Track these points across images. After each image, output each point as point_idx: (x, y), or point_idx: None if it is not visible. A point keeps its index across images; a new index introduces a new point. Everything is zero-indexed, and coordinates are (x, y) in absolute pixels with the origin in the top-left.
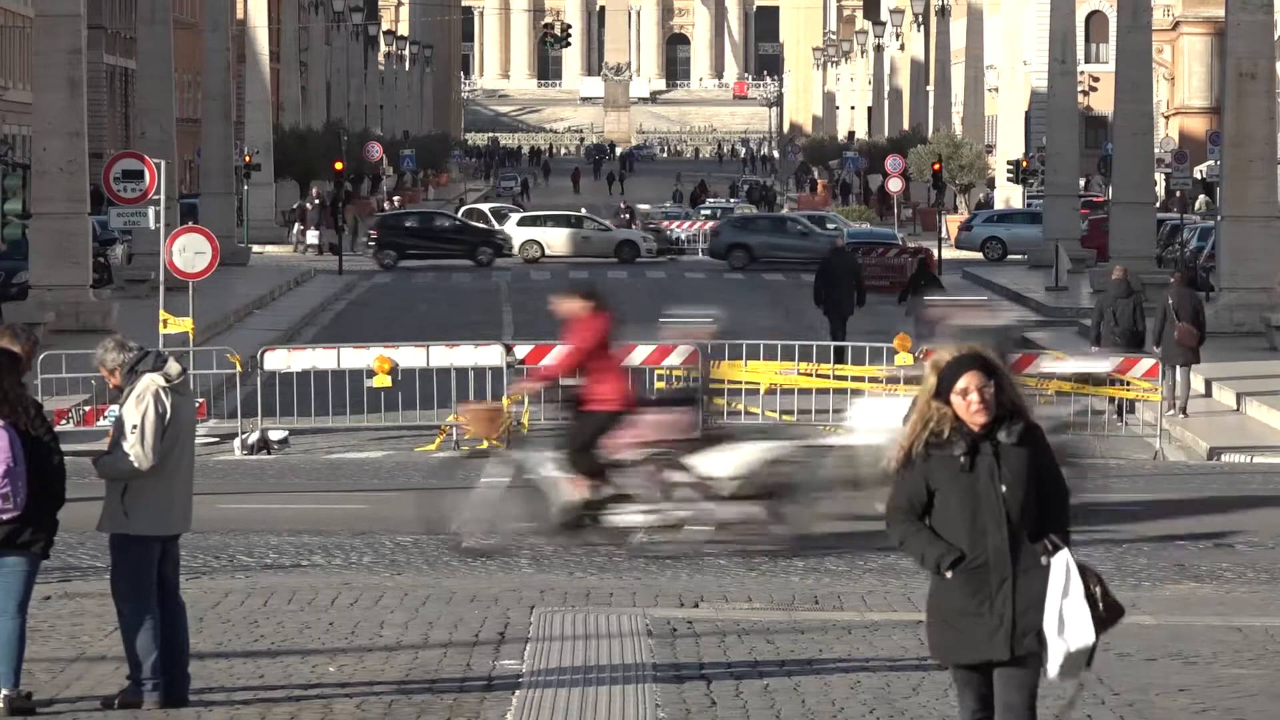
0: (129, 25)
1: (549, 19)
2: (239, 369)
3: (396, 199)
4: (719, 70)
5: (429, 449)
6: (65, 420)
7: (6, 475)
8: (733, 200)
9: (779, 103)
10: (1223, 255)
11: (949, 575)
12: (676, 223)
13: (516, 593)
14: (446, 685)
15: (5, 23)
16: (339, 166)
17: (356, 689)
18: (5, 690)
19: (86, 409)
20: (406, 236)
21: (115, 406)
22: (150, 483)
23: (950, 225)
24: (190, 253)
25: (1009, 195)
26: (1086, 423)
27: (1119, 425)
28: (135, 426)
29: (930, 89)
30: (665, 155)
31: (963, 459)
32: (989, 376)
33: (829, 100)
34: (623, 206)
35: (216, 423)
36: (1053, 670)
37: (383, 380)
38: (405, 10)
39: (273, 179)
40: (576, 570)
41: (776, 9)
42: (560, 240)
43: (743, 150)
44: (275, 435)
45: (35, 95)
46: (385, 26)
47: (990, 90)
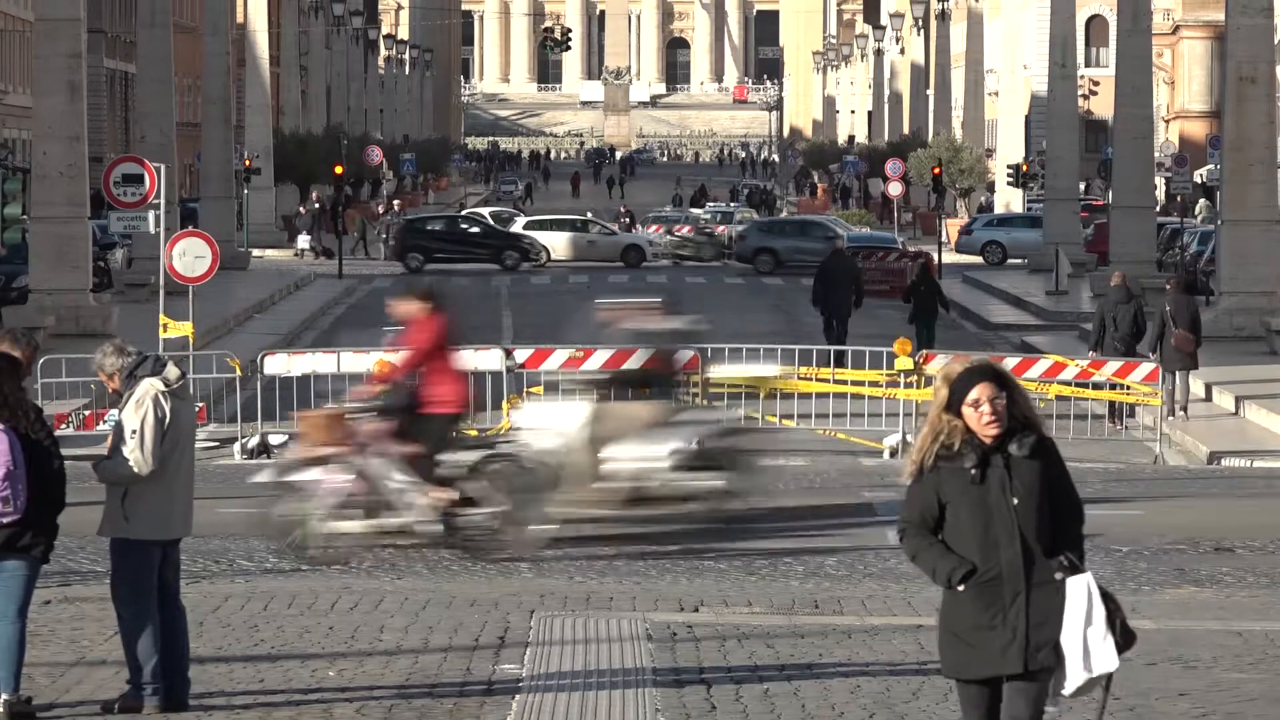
0: (129, 29)
1: (549, 23)
2: (239, 373)
3: (396, 203)
4: (719, 74)
5: None
6: (65, 425)
7: (6, 479)
8: (733, 204)
9: (779, 107)
10: (1223, 259)
11: (961, 589)
12: (676, 226)
13: (516, 597)
14: (446, 690)
15: (5, 27)
16: (339, 170)
17: (356, 693)
18: (5, 695)
19: (86, 413)
20: (433, 240)
21: (115, 411)
22: (150, 487)
23: (950, 229)
24: (190, 257)
25: (1009, 199)
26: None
27: (1116, 430)
28: (135, 431)
29: (930, 93)
30: (665, 159)
31: (973, 471)
32: (1001, 388)
33: (829, 104)
34: (623, 210)
35: (216, 427)
36: (1068, 691)
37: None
38: (405, 14)
39: (273, 183)
40: (576, 575)
41: (776, 13)
42: (565, 244)
43: (742, 154)
44: (275, 440)
45: (35, 99)
46: (385, 30)
47: (990, 94)
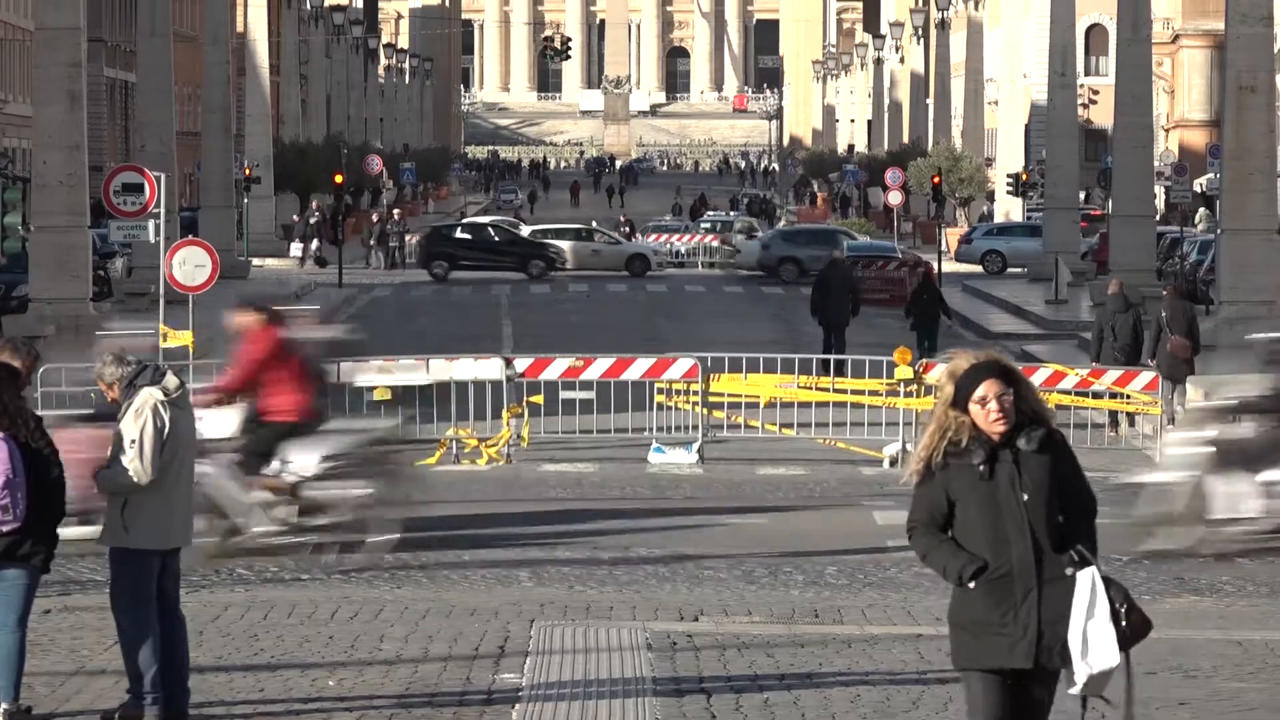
0: (129, 38)
1: (549, 32)
2: None
3: (396, 212)
4: (719, 83)
5: (429, 462)
6: None
7: (6, 487)
8: (733, 213)
9: (779, 116)
10: (1222, 268)
11: (971, 586)
12: (676, 235)
13: (516, 606)
14: (446, 699)
15: (5, 36)
16: (339, 179)
17: (356, 703)
18: (5, 704)
19: None
20: (458, 248)
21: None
22: (149, 497)
23: (950, 238)
24: (190, 266)
25: (1009, 208)
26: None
27: (1115, 438)
28: (134, 441)
29: (930, 102)
30: (665, 168)
31: (982, 468)
32: (1008, 384)
33: (829, 113)
34: (623, 219)
35: None
36: (1075, 690)
37: (382, 394)
38: (405, 23)
39: (273, 192)
40: (576, 584)
41: (776, 22)
42: (569, 254)
43: (742, 163)
44: None
45: (35, 108)
46: (385, 39)
47: (990, 103)
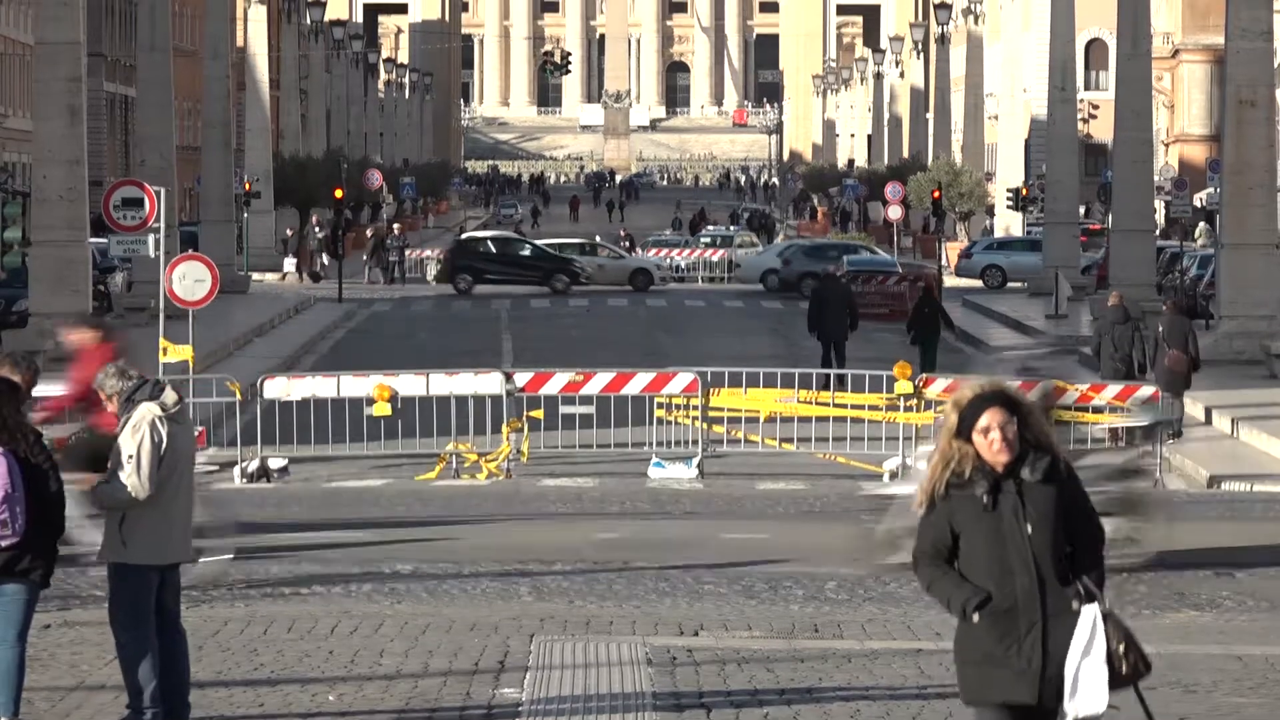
0: (129, 53)
1: (549, 47)
2: (239, 397)
3: (396, 226)
4: (719, 98)
5: (429, 477)
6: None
7: (5, 501)
8: (733, 228)
9: (779, 130)
10: (1223, 283)
11: (975, 619)
12: (676, 250)
13: (516, 621)
14: (446, 714)
15: (5, 50)
16: (339, 194)
17: (356, 718)
18: (5, 719)
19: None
20: (483, 261)
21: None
22: (147, 512)
23: (950, 253)
24: (190, 280)
25: (1009, 223)
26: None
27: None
28: (131, 456)
29: (930, 116)
30: (665, 183)
31: (986, 498)
32: (1012, 413)
33: (829, 128)
34: (623, 234)
35: (216, 451)
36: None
37: (382, 408)
38: (405, 38)
39: (273, 207)
40: (576, 598)
41: (776, 37)
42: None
43: (742, 178)
44: (275, 463)
45: (35, 123)
46: (385, 54)
47: (990, 118)
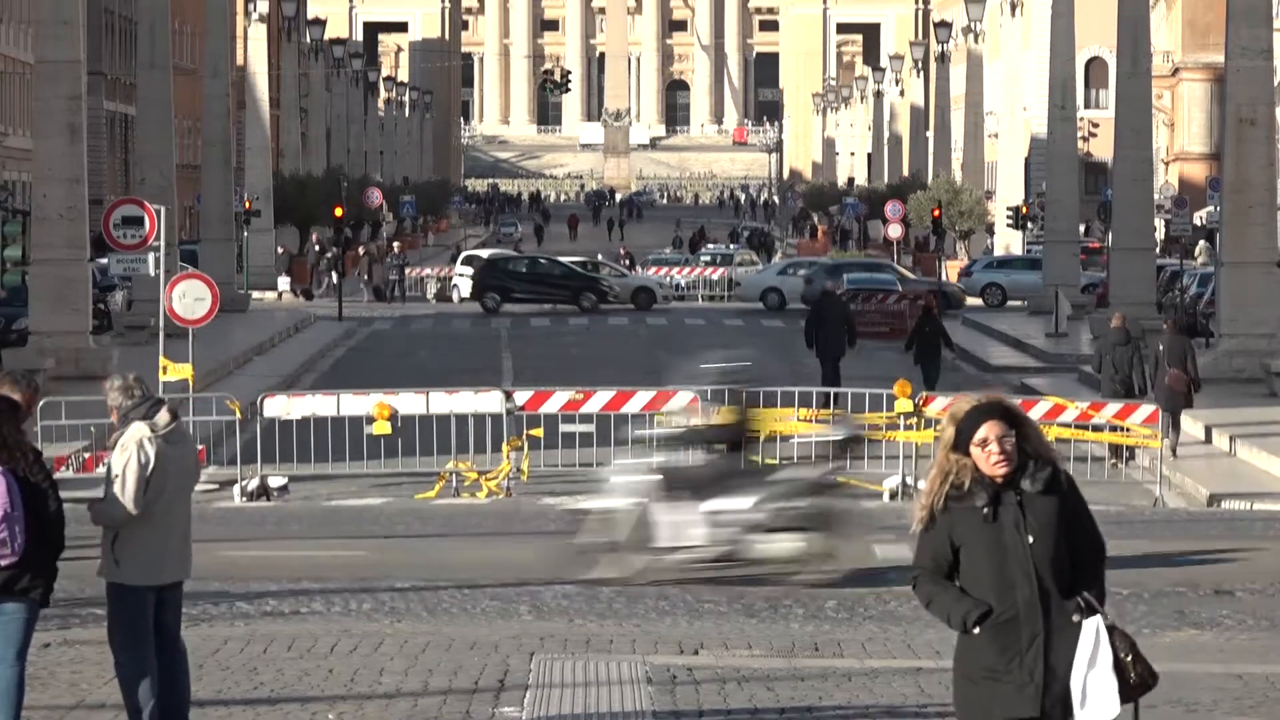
0: (129, 71)
1: (549, 65)
2: (239, 415)
3: (396, 245)
4: (719, 116)
5: (429, 495)
6: (65, 467)
7: (5, 520)
8: (733, 246)
9: (779, 149)
10: (1222, 301)
11: (976, 632)
12: (676, 269)
13: (516, 639)
14: None
15: (5, 69)
16: (339, 213)
17: None
18: None
19: (86, 455)
20: (511, 279)
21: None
22: (137, 532)
23: (950, 271)
24: (190, 299)
25: (1009, 241)
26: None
27: (1117, 469)
28: (117, 475)
29: (930, 135)
30: (665, 201)
31: (986, 510)
32: (1010, 426)
33: (829, 146)
34: (623, 252)
35: (216, 469)
36: None
37: (382, 427)
38: (405, 56)
39: (273, 225)
40: (576, 617)
41: (776, 55)
42: None
43: (742, 196)
44: (275, 482)
45: (35, 141)
46: (385, 72)
47: (990, 136)
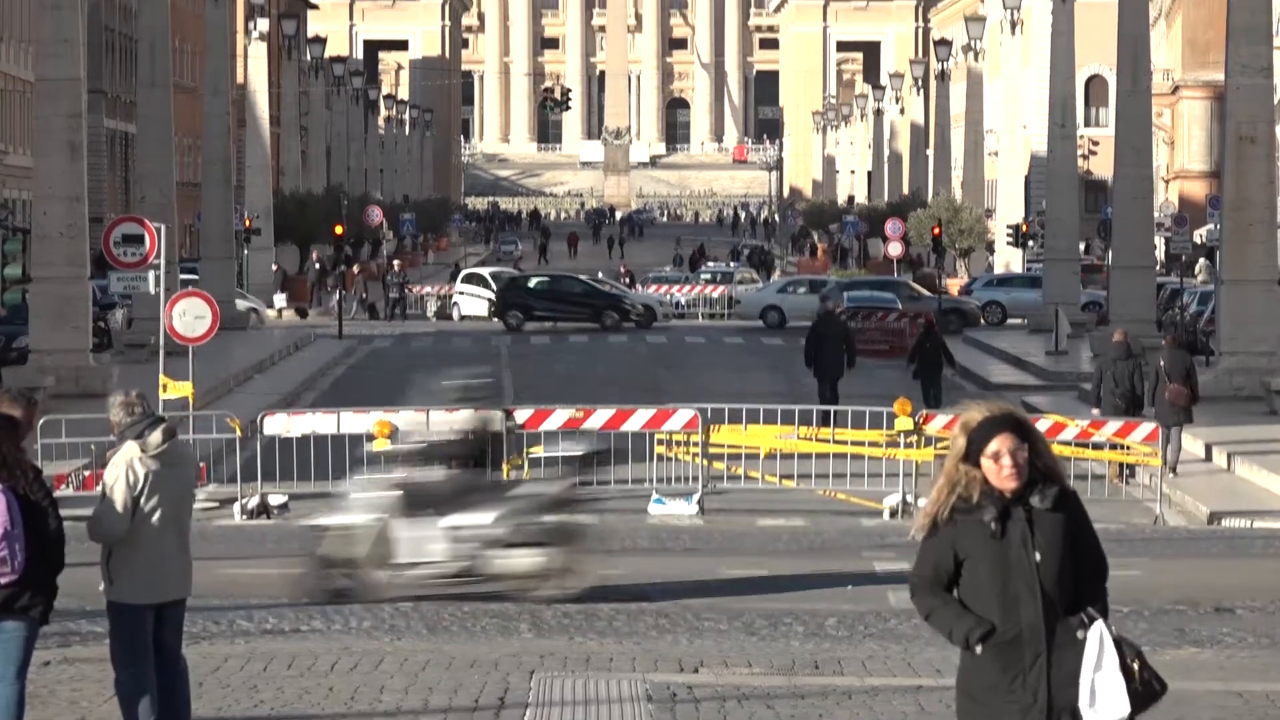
0: (129, 89)
1: (549, 83)
2: (239, 433)
3: (396, 263)
4: (719, 134)
5: None
6: (65, 485)
7: (4, 539)
8: (733, 264)
9: (779, 167)
10: (1223, 319)
11: (979, 650)
12: (676, 286)
13: (516, 658)
14: None
15: (6, 87)
16: (339, 231)
17: None
18: None
19: (86, 473)
20: (534, 298)
21: None
22: (130, 551)
23: (950, 289)
24: (190, 317)
25: (1009, 259)
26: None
27: (1119, 487)
28: (106, 494)
29: (930, 153)
30: (665, 219)
31: (994, 525)
32: (1022, 439)
33: (829, 164)
34: (623, 270)
35: (216, 487)
36: None
37: (383, 444)
38: (405, 74)
39: (273, 243)
40: (576, 635)
41: (776, 73)
42: None
43: (742, 214)
44: (275, 500)
45: (35, 160)
46: (385, 90)
47: (990, 154)
